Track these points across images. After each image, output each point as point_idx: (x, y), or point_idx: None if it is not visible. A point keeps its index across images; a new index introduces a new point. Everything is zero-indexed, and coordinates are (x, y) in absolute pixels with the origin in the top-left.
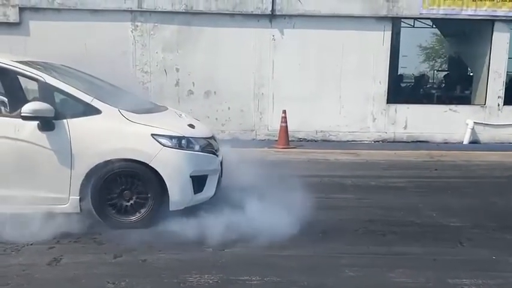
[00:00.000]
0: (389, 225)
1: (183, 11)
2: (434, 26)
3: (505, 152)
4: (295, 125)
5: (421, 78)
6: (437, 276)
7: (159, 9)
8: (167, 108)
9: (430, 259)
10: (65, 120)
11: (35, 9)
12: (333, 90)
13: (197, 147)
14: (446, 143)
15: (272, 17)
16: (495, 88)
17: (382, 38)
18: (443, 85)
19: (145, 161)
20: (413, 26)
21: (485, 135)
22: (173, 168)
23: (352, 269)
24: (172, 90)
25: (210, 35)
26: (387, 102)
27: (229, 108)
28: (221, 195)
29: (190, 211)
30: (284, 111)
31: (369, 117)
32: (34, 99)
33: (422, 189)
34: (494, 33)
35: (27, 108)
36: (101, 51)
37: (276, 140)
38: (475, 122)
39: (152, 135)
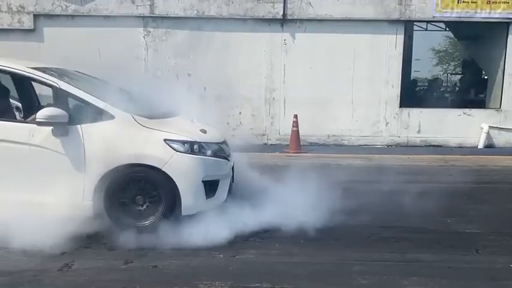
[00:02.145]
0: (403, 231)
1: (195, 16)
2: (447, 29)
3: None
4: (307, 129)
5: (434, 82)
6: (452, 285)
7: (171, 15)
8: (179, 113)
9: (445, 267)
10: (78, 126)
11: (49, 16)
12: (344, 94)
13: (209, 152)
14: (460, 147)
15: (283, 21)
16: (510, 91)
17: (394, 41)
18: (457, 89)
19: (158, 166)
20: (426, 29)
21: (501, 139)
22: (185, 173)
23: (365, 276)
24: None
25: (221, 40)
26: (400, 106)
27: (240, 113)
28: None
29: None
30: (295, 116)
31: (381, 122)
32: (49, 105)
33: (437, 195)
34: (510, 36)
35: (42, 114)
36: (115, 56)
37: (288, 145)
38: (490, 126)
39: (165, 140)
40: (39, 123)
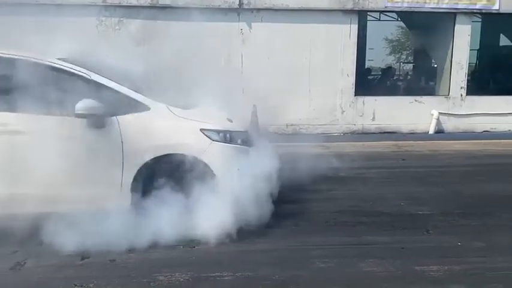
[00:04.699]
0: (359, 215)
1: (149, 5)
2: (399, 19)
3: (468, 141)
4: (265, 119)
5: (387, 71)
6: (405, 264)
7: (124, 4)
8: (199, 104)
9: (399, 248)
10: (114, 118)
11: None
12: (302, 84)
13: (239, 141)
14: (412, 133)
15: (240, 10)
16: (458, 79)
17: (348, 31)
18: (409, 77)
19: (197, 156)
20: (379, 19)
21: (450, 125)
22: (223, 161)
23: (323, 260)
24: None
25: (177, 30)
26: (355, 95)
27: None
28: None
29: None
30: (254, 106)
31: (337, 110)
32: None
33: (391, 179)
34: (456, 26)
35: (80, 106)
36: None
37: None
38: (439, 113)
39: (201, 130)
40: (77, 115)
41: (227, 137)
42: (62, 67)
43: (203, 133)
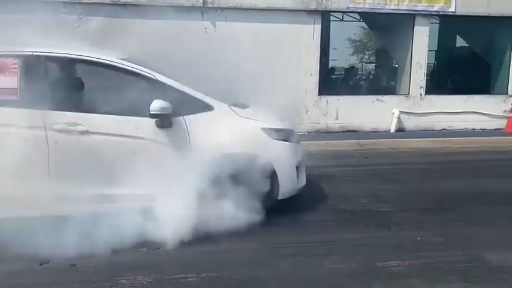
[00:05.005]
0: (323, 213)
1: (110, 2)
2: (361, 20)
3: (427, 139)
4: None
5: (350, 70)
6: (368, 261)
7: (84, 0)
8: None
9: (362, 244)
10: (181, 117)
11: None
12: (266, 83)
13: (294, 139)
14: (375, 131)
15: (203, 9)
16: (417, 79)
17: (312, 31)
18: (371, 77)
19: (259, 154)
20: (342, 20)
21: (410, 123)
22: (283, 159)
23: (287, 259)
24: None
25: (139, 28)
26: (319, 94)
27: None
28: None
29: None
30: None
31: (302, 109)
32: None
33: (353, 177)
34: (415, 27)
35: (155, 106)
36: None
37: None
38: (400, 111)
39: (262, 129)
40: (152, 116)
41: (285, 135)
42: (127, 67)
43: (264, 132)
